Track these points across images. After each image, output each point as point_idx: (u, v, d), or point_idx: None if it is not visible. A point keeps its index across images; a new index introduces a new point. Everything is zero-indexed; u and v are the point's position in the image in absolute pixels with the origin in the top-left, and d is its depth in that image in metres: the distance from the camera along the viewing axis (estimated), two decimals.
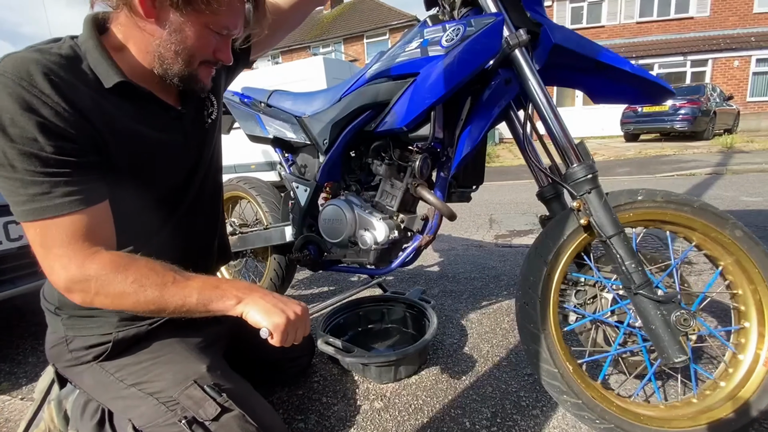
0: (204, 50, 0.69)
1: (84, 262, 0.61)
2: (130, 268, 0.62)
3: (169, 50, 0.67)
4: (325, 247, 1.29)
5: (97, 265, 0.61)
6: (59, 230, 0.60)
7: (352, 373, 1.22)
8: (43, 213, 0.59)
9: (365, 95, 1.11)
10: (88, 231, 0.62)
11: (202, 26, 0.66)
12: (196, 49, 0.68)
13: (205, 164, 0.87)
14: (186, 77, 0.71)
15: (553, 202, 1.11)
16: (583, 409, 0.86)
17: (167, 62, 0.68)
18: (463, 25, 0.94)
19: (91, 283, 0.61)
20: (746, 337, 0.91)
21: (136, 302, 0.62)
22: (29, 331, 1.64)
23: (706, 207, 0.90)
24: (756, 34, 12.55)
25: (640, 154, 7.39)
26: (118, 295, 0.62)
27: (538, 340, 0.90)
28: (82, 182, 0.62)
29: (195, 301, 0.64)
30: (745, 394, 0.86)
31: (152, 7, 0.63)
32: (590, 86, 1.08)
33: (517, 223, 3.13)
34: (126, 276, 0.62)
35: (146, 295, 0.62)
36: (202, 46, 0.69)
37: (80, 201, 0.61)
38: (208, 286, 0.65)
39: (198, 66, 0.71)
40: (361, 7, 18.55)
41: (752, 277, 0.88)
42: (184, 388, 0.70)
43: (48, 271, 0.62)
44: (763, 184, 4.03)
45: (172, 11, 0.63)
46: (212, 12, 0.65)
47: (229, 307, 0.65)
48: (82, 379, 0.79)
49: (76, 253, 0.61)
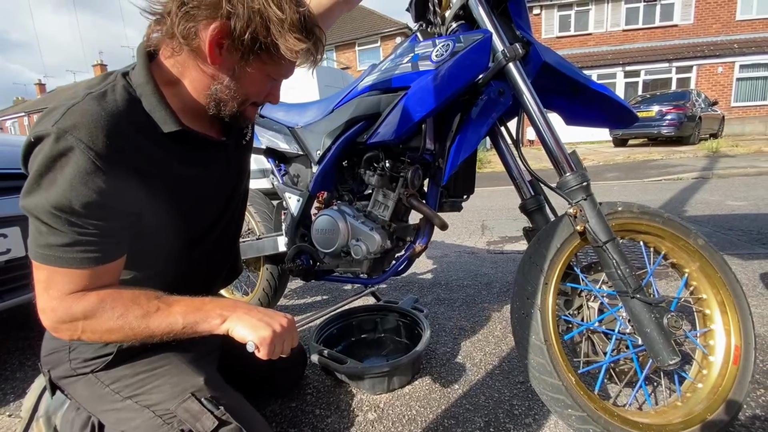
0: (259, 95, 0.72)
1: (71, 305, 0.62)
2: (115, 303, 0.63)
3: (227, 94, 0.68)
4: (317, 257, 1.29)
5: (83, 305, 0.62)
6: (64, 279, 0.62)
7: (345, 384, 1.22)
8: (55, 262, 0.61)
9: (358, 107, 1.12)
10: (90, 284, 0.64)
11: (263, 75, 0.68)
12: (252, 94, 0.71)
13: (242, 187, 0.91)
14: (235, 116, 0.72)
15: (535, 214, 1.13)
16: (588, 422, 0.84)
17: (222, 104, 0.69)
18: (453, 41, 0.96)
19: (78, 324, 0.63)
20: (714, 339, 0.96)
21: (124, 336, 0.64)
22: (16, 346, 1.61)
23: (673, 218, 0.96)
24: (738, 41, 12.89)
25: (628, 158, 7.51)
26: (106, 332, 0.64)
27: (540, 352, 0.87)
28: (105, 242, 0.63)
29: (181, 326, 0.65)
30: (723, 392, 0.90)
31: (219, 54, 0.63)
32: (565, 109, 1.14)
33: (509, 229, 3.16)
34: (112, 312, 0.63)
35: (132, 328, 0.63)
36: (259, 92, 0.72)
37: (95, 260, 0.63)
38: (192, 310, 0.66)
39: (248, 105, 0.73)
40: (353, 15, 18.66)
41: (714, 281, 0.95)
42: (182, 400, 0.69)
43: (40, 307, 0.64)
44: (748, 188, 4.12)
45: (237, 59, 0.64)
46: (276, 63, 0.67)
47: (215, 327, 0.66)
48: (75, 388, 0.78)
49: (68, 300, 0.62)
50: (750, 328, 0.93)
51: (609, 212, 0.94)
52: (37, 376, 0.91)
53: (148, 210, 0.68)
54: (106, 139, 0.59)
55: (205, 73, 0.66)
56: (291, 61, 0.67)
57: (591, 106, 1.09)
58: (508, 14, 1.03)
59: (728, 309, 0.94)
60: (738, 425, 0.96)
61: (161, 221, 0.71)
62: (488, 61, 0.96)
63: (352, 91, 1.17)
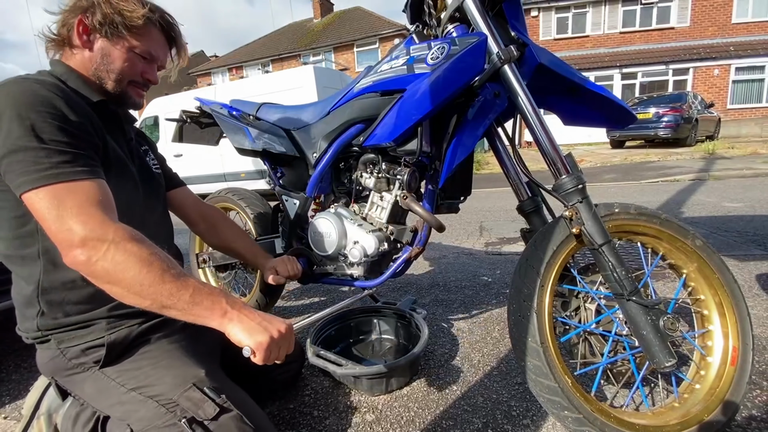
0: (131, 71, 0.84)
1: (104, 222, 0.65)
2: (143, 243, 0.66)
3: (103, 71, 0.82)
4: (315, 260, 1.29)
5: (115, 230, 0.64)
6: (79, 194, 0.65)
7: (343, 386, 1.22)
8: (68, 177, 0.65)
9: (354, 109, 1.12)
10: (103, 199, 0.68)
11: (127, 50, 0.82)
12: (126, 72, 0.83)
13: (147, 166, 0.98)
14: (119, 95, 0.85)
15: (533, 216, 1.13)
16: (584, 424, 0.84)
17: (103, 81, 0.82)
18: (448, 44, 0.96)
19: (105, 245, 0.63)
20: (712, 340, 0.96)
21: (133, 279, 0.63)
22: (11, 348, 1.60)
23: (670, 219, 0.96)
24: (734, 44, 12.96)
25: (625, 160, 7.53)
26: (121, 267, 0.63)
27: (537, 355, 0.87)
28: (95, 161, 0.72)
29: (187, 298, 0.65)
30: (720, 393, 0.90)
31: (88, 40, 0.80)
32: (562, 109, 1.14)
33: (507, 230, 3.17)
34: (140, 249, 0.64)
35: (147, 275, 0.63)
36: (132, 70, 0.84)
37: (96, 173, 0.70)
38: (203, 291, 0.67)
39: (127, 85, 0.85)
40: (351, 16, 18.72)
41: (712, 282, 0.94)
42: (184, 390, 0.71)
43: (62, 234, 0.64)
44: (744, 190, 4.14)
45: (101, 39, 0.80)
46: (133, 37, 0.81)
47: (216, 317, 0.66)
48: (83, 388, 0.80)
49: (95, 214, 0.65)
50: (748, 329, 0.93)
51: (606, 213, 0.94)
52: (36, 377, 0.91)
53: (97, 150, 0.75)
54: (53, 89, 0.71)
55: (84, 58, 0.81)
56: (146, 36, 0.82)
57: (588, 106, 1.09)
58: (504, 15, 1.03)
59: (726, 310, 0.94)
60: (735, 426, 0.96)
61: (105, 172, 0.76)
62: (484, 64, 0.96)
63: (348, 94, 1.17)
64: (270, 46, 19.10)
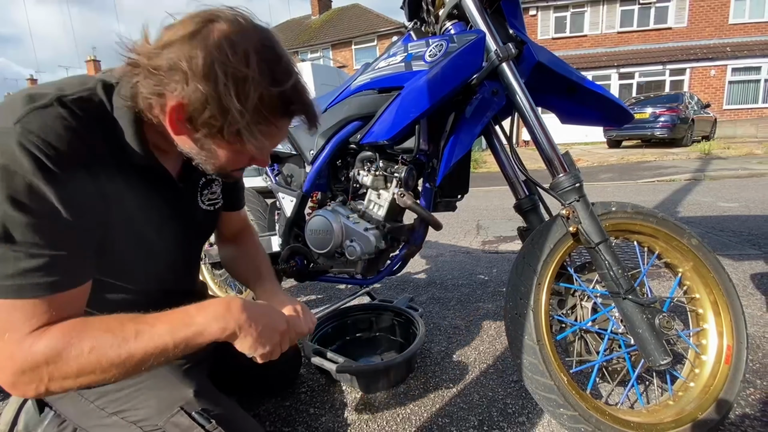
0: (236, 165, 0.67)
1: (30, 346, 0.50)
2: (82, 335, 0.52)
3: (194, 157, 0.63)
4: (312, 258, 1.29)
5: (43, 343, 0.50)
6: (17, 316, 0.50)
7: (339, 383, 1.22)
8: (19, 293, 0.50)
9: (351, 107, 1.12)
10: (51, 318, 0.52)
11: (236, 152, 0.62)
12: (227, 166, 0.65)
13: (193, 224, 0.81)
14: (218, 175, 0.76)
15: (530, 214, 1.13)
16: (579, 422, 0.85)
17: (191, 161, 0.64)
18: (446, 41, 0.96)
19: (42, 371, 0.50)
20: (706, 338, 0.96)
21: (104, 375, 0.53)
22: None
23: (667, 218, 0.97)
24: (731, 45, 13.03)
25: (622, 160, 7.56)
26: (78, 374, 0.51)
27: (533, 352, 0.88)
28: (81, 258, 0.56)
29: (172, 346, 0.55)
30: (714, 391, 0.91)
31: (184, 127, 0.57)
32: (560, 108, 1.14)
33: (504, 229, 3.17)
34: (80, 347, 0.51)
35: (111, 361, 0.52)
36: (235, 163, 0.66)
37: (72, 278, 0.55)
38: (180, 325, 0.56)
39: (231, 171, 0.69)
40: (349, 14, 18.66)
41: (707, 281, 0.95)
42: (170, 415, 0.67)
43: None
44: (740, 190, 4.16)
45: (202, 137, 0.58)
46: (242, 145, 0.60)
47: (215, 337, 0.59)
48: (61, 404, 0.75)
49: (28, 339, 0.50)
50: (742, 327, 0.93)
51: (603, 212, 0.94)
52: None
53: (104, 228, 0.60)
54: (66, 146, 0.53)
55: (167, 130, 0.59)
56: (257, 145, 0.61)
57: (586, 105, 1.09)
58: (502, 13, 1.03)
59: (721, 309, 0.94)
60: (728, 424, 0.97)
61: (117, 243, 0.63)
62: (482, 62, 0.96)
63: (345, 91, 1.16)
64: None
